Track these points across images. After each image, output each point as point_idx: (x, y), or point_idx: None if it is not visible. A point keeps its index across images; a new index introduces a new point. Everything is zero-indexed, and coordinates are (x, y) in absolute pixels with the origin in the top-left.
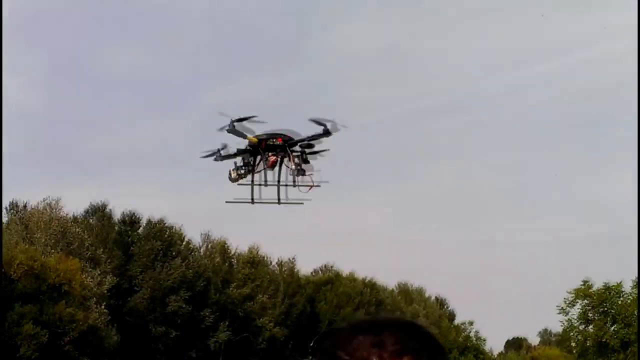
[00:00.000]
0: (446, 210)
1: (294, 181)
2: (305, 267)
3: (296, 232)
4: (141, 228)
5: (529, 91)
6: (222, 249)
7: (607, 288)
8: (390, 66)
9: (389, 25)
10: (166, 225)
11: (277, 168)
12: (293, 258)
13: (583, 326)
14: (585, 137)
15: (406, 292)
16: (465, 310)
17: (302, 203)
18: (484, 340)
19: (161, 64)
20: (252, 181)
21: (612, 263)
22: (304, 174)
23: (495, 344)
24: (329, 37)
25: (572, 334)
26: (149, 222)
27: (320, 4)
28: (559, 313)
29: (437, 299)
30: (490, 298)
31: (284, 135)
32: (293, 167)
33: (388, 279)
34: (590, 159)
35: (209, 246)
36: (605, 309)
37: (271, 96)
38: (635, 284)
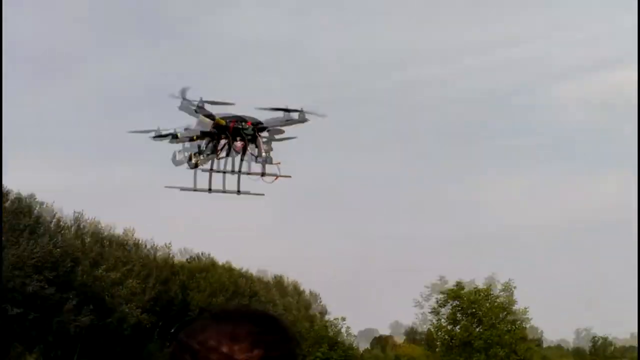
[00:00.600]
0: (323, 204)
1: (263, 170)
2: (181, 254)
3: (174, 218)
4: (8, 202)
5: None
6: (95, 229)
7: (477, 291)
8: (284, 57)
9: (285, 15)
10: (36, 200)
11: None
12: (169, 244)
13: (451, 326)
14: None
15: (281, 285)
16: (337, 304)
17: (263, 195)
18: (355, 336)
19: (40, 35)
20: (212, 167)
21: (467, 262)
22: (271, 163)
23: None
24: (221, 23)
25: (439, 333)
26: (17, 196)
27: None
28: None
29: (310, 292)
30: (356, 290)
31: (253, 118)
32: (264, 154)
33: (264, 271)
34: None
35: (81, 226)
36: (474, 310)
37: (152, 74)
38: (504, 287)
